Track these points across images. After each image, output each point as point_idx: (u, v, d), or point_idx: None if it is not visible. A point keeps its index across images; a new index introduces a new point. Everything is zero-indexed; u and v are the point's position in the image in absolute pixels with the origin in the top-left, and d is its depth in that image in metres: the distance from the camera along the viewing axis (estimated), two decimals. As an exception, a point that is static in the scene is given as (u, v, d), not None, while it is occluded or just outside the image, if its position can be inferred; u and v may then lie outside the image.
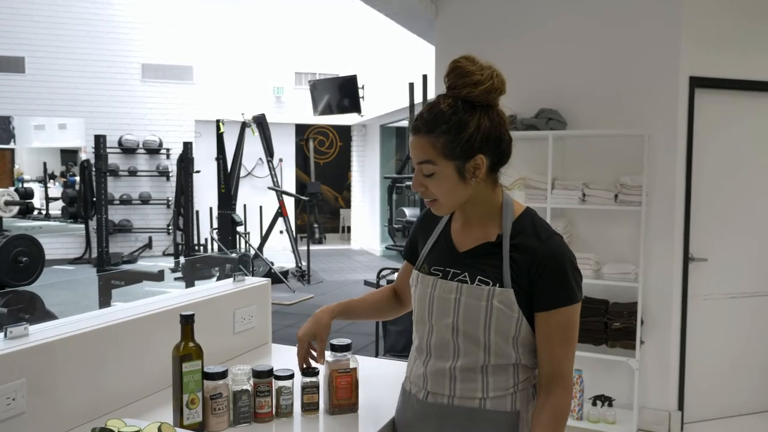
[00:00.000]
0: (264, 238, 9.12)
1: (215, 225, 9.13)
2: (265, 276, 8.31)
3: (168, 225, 11.27)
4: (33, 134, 14.39)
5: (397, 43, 9.03)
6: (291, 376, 1.53)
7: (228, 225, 8.44)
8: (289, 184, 12.61)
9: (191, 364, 1.41)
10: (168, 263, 9.80)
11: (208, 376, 1.44)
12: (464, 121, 1.26)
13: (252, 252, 8.58)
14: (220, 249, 8.28)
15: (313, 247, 11.71)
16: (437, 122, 1.26)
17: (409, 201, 10.58)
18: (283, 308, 7.21)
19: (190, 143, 8.29)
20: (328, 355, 1.55)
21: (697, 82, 3.56)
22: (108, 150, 10.92)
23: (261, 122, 8.61)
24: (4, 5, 10.53)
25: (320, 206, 13.35)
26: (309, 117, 11.43)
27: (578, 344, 3.52)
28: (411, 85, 6.70)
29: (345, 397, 1.54)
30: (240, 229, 8.88)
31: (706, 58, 3.59)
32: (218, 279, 2.20)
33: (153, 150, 11.26)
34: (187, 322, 1.42)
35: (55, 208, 12.10)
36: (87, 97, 10.92)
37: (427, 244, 1.46)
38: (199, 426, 1.43)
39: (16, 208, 5.19)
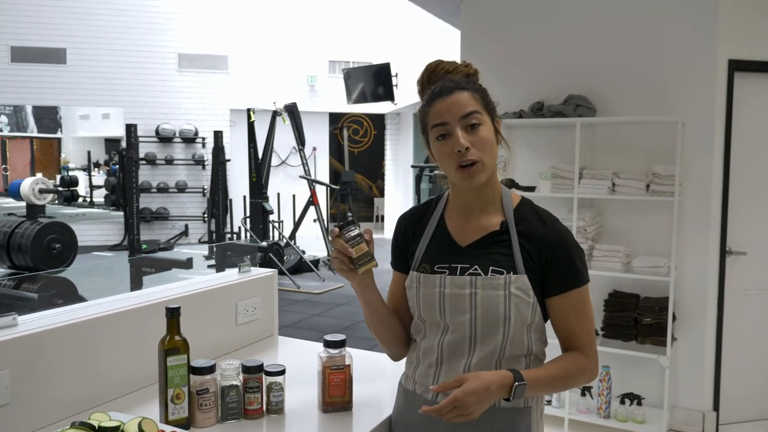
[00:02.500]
0: (295, 227, 9.15)
1: (247, 214, 9.20)
2: (296, 264, 8.37)
3: (203, 213, 11.42)
4: (78, 124, 14.80)
5: (429, 29, 8.89)
6: (282, 372, 1.48)
7: (259, 214, 8.49)
8: (323, 173, 12.62)
9: (176, 358, 1.37)
10: (203, 251, 9.94)
11: (194, 370, 1.41)
12: (483, 86, 1.35)
13: (283, 241, 8.60)
14: (251, 238, 8.33)
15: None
16: (469, 82, 1.32)
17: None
18: (312, 297, 7.21)
19: (221, 132, 8.35)
20: (322, 352, 1.49)
21: (737, 65, 3.35)
22: (145, 139, 11.17)
23: (292, 111, 8.60)
24: (48, -3, 10.78)
25: (354, 195, 13.30)
26: (342, 105, 11.39)
27: (606, 340, 3.40)
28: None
29: (338, 394, 1.49)
30: (272, 217, 8.92)
31: (747, 40, 3.38)
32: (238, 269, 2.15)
33: (189, 139, 11.41)
34: (173, 315, 1.38)
35: (99, 195, 12.44)
36: (125, 87, 11.12)
37: (421, 243, 1.38)
38: (186, 422, 1.39)
39: (50, 196, 5.28)
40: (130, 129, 5.63)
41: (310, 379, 1.54)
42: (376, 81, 10.40)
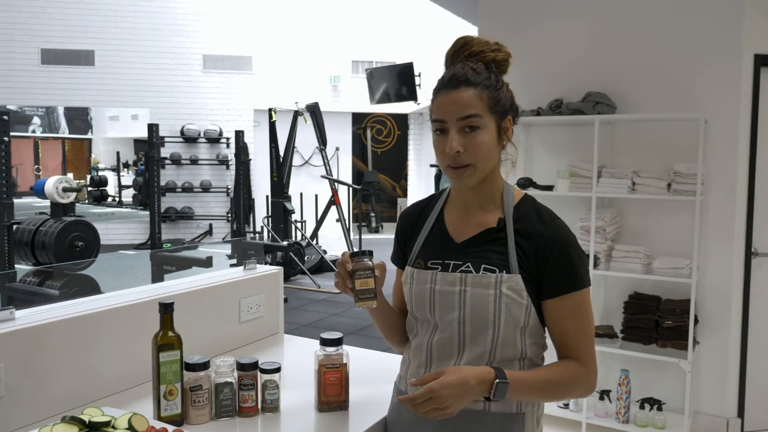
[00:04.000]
0: (317, 227, 9.16)
1: (269, 213, 9.24)
2: (317, 264, 8.37)
3: (227, 213, 11.52)
4: (108, 125, 15.08)
5: (451, 28, 8.81)
6: (277, 370, 1.46)
7: (280, 213, 8.52)
8: (346, 173, 12.63)
9: (169, 354, 1.36)
10: (226, 250, 10.02)
11: (188, 366, 1.39)
12: (499, 80, 1.26)
13: (305, 241, 8.62)
14: (272, 237, 8.36)
15: (370, 236, 11.72)
16: (478, 77, 1.22)
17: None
18: (332, 297, 7.21)
19: (242, 132, 8.40)
20: (318, 350, 1.47)
21: (763, 61, 3.24)
22: (171, 139, 11.31)
23: (314, 111, 8.62)
24: (77, 0, 10.98)
25: (377, 195, 13.32)
26: (366, 105, 11.39)
27: (626, 343, 3.32)
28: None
29: (334, 393, 1.46)
30: (294, 217, 8.94)
31: (774, 34, 3.27)
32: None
33: (213, 139, 11.52)
34: (166, 310, 1.37)
35: (127, 195, 12.68)
36: (151, 88, 11.27)
37: (419, 238, 1.35)
38: (179, 418, 1.38)
39: (73, 194, 5.35)
40: (152, 129, 5.69)
41: (311, 379, 1.52)
42: (399, 81, 10.37)
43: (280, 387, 1.47)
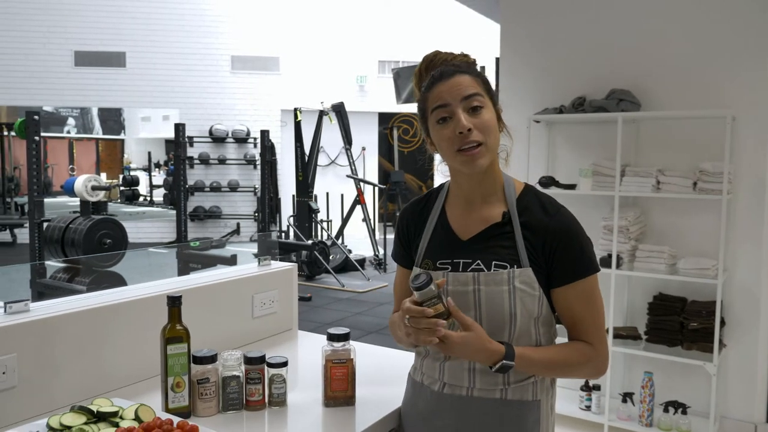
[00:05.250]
0: (342, 226, 9.19)
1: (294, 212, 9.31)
2: (341, 263, 8.40)
3: (254, 212, 11.64)
4: (140, 125, 15.39)
5: (477, 28, 8.77)
6: (284, 364, 1.46)
7: (305, 212, 8.57)
8: (372, 172, 12.65)
9: (177, 346, 1.38)
10: (253, 248, 10.14)
11: (195, 359, 1.41)
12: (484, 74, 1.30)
13: (329, 240, 8.65)
14: (296, 236, 8.42)
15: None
16: (470, 66, 1.30)
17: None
18: (356, 296, 7.22)
19: (267, 131, 8.49)
20: (325, 345, 1.47)
21: (794, 56, 3.15)
22: (199, 139, 11.48)
23: (339, 110, 8.65)
24: (109, 3, 11.23)
25: (404, 195, 13.30)
26: (392, 105, 11.38)
27: (650, 344, 3.25)
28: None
29: (341, 389, 1.46)
30: (320, 216, 8.99)
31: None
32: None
33: (241, 139, 11.65)
34: (174, 304, 1.39)
35: (159, 195, 12.93)
36: (181, 89, 11.46)
37: (423, 237, 1.35)
38: (186, 410, 1.40)
39: (102, 193, 5.47)
40: (179, 128, 5.77)
41: (320, 375, 1.52)
42: (425, 80, 10.34)
43: (287, 381, 1.48)
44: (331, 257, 8.26)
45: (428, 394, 1.33)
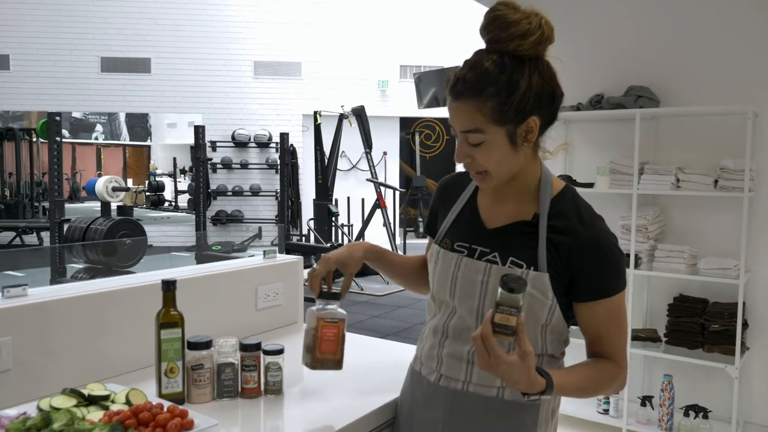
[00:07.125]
0: (362, 229, 9.19)
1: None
2: (361, 267, 8.38)
3: (276, 216, 11.70)
4: (166, 132, 15.63)
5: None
6: (280, 352, 1.44)
7: (324, 215, 8.58)
8: (393, 177, 12.63)
9: (171, 331, 1.37)
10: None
11: (190, 345, 1.39)
12: (515, 80, 1.11)
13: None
14: (316, 239, 8.43)
15: (417, 241, 11.66)
16: (483, 84, 1.11)
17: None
18: (374, 299, 7.20)
19: (287, 134, 8.54)
20: (314, 306, 1.41)
21: (819, 49, 3.05)
22: (222, 144, 11.60)
23: (359, 114, 8.66)
24: (135, 10, 11.44)
25: (425, 200, 13.26)
26: (414, 110, 11.37)
27: (670, 347, 3.17)
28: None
29: (330, 350, 1.39)
30: (341, 220, 9.00)
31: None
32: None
33: (263, 144, 11.74)
34: (168, 288, 1.38)
35: (183, 200, 13.11)
36: (204, 95, 11.60)
37: (449, 215, 1.31)
38: (180, 396, 1.38)
39: (122, 194, 5.55)
40: (198, 130, 5.83)
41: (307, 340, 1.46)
42: (447, 85, 10.30)
43: (285, 370, 1.45)
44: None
45: (424, 385, 1.31)
